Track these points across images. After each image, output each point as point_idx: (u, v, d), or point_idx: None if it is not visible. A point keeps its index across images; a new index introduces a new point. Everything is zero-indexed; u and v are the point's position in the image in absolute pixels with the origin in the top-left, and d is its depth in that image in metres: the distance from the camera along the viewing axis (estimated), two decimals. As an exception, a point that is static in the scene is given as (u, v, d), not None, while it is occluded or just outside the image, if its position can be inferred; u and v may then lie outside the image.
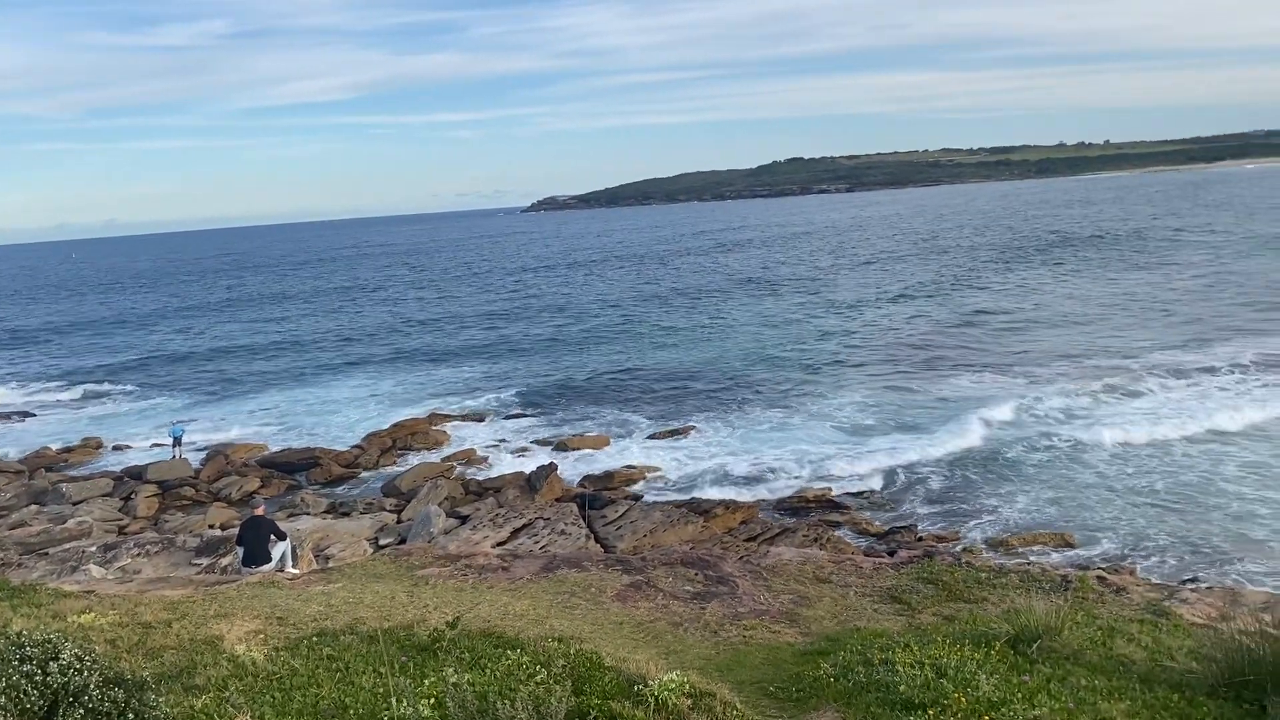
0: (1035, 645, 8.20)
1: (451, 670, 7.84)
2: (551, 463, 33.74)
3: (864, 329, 60.62)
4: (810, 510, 29.68)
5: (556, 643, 8.46)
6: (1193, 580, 20.27)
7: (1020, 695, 7.22)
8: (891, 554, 15.35)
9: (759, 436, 37.85)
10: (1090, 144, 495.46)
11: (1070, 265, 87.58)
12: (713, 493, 31.62)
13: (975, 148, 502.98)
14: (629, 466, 34.51)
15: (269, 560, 15.13)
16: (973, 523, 28.05)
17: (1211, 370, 42.30)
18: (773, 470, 33.59)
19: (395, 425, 41.08)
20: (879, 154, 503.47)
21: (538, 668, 7.85)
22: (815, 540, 25.75)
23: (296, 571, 14.65)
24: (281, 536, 15.80)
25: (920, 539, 26.69)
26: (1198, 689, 7.62)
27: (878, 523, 28.47)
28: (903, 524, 28.19)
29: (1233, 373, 41.56)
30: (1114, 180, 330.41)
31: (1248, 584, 20.35)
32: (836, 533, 27.31)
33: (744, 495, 31.16)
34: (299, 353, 66.53)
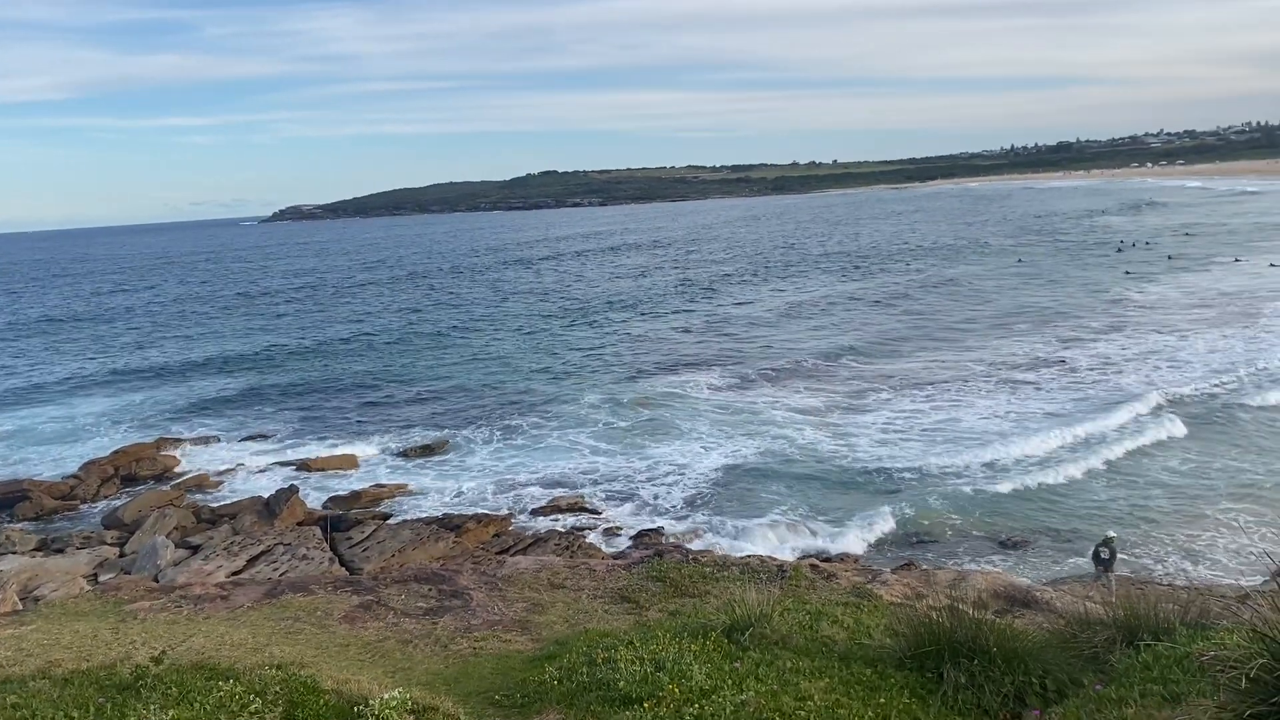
0: (748, 633, 8.67)
1: (155, 708, 7.36)
2: (292, 485, 32.22)
3: (613, 339, 62.03)
4: (564, 518, 29.97)
5: (274, 670, 8.12)
6: (906, 565, 22.07)
7: (730, 681, 7.63)
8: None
9: (514, 447, 37.88)
10: (820, 163, 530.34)
11: (806, 278, 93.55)
12: (467, 508, 31.31)
13: (718, 165, 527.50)
14: (378, 485, 33.61)
15: (-48, 607, 13.61)
16: (717, 521, 29.32)
17: (942, 379, 46.36)
18: (527, 480, 33.71)
19: (117, 452, 37.88)
20: (629, 169, 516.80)
21: (251, 697, 7.51)
22: (567, 548, 26.05)
23: (-14, 617, 13.21)
24: (-31, 580, 14.23)
25: (669, 539, 27.59)
26: (889, 662, 8.32)
27: (628, 526, 29.20)
28: (651, 526, 29.07)
29: (964, 375, 45.78)
30: (844, 197, 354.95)
31: (946, 565, 22.41)
32: (588, 539, 27.79)
33: (498, 508, 31.06)
34: (6, 377, 60.03)
